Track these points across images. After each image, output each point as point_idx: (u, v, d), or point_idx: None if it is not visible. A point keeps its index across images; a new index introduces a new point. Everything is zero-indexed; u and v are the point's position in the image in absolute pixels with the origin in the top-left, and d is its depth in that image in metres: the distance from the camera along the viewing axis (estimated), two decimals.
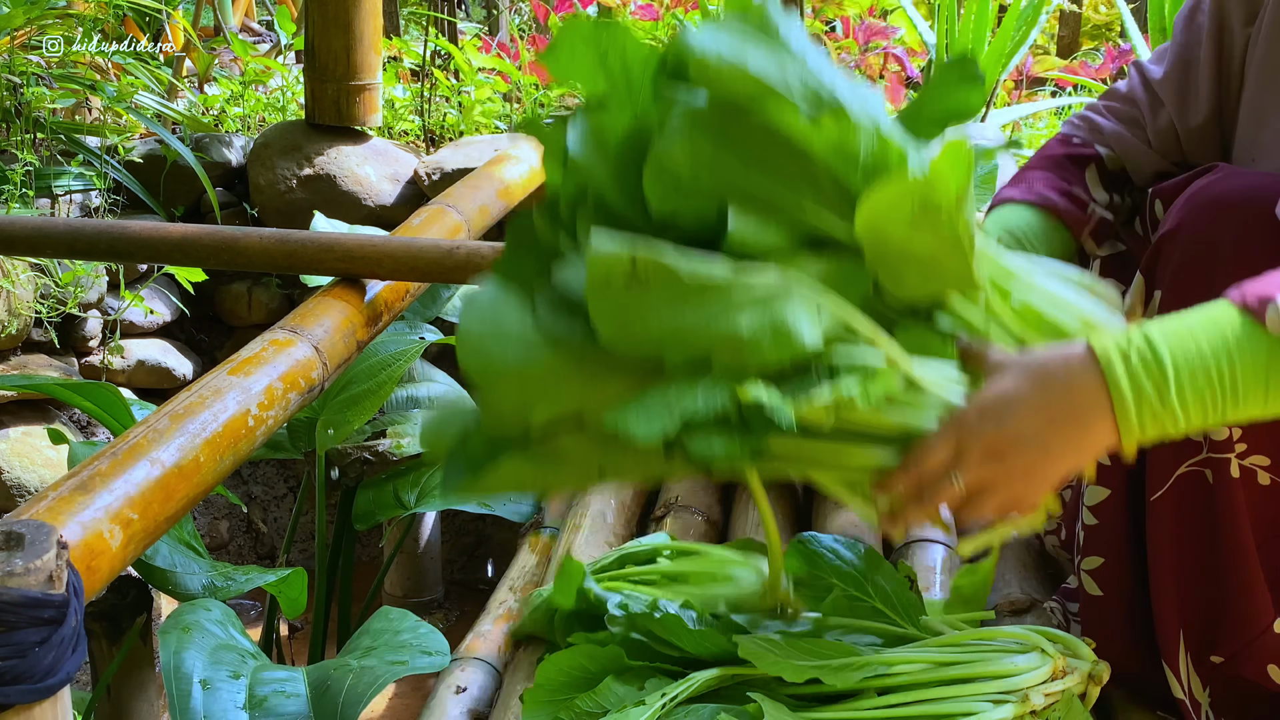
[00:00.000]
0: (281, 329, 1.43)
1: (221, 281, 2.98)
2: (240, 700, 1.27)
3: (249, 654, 1.37)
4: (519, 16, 4.30)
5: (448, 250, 1.55)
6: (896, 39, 3.43)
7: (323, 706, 1.28)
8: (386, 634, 1.43)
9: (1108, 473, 1.26)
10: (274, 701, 1.28)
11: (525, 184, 2.37)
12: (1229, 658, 1.19)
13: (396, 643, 1.40)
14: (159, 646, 1.32)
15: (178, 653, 1.30)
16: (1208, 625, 1.20)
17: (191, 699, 1.25)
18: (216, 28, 3.92)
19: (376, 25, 2.86)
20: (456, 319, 2.33)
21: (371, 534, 2.99)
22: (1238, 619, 1.18)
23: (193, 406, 1.19)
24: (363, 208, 2.90)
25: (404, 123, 3.32)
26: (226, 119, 3.35)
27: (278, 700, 1.29)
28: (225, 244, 1.59)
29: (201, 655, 1.32)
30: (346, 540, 2.17)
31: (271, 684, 1.32)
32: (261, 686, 1.31)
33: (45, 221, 1.64)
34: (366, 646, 1.42)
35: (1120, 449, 0.94)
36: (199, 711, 1.24)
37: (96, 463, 1.05)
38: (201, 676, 1.29)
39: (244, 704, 1.27)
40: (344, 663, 1.37)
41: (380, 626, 1.46)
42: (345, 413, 1.97)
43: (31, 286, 2.50)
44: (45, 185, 2.64)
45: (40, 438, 2.53)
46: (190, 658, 1.30)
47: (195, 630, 1.36)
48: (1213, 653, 1.20)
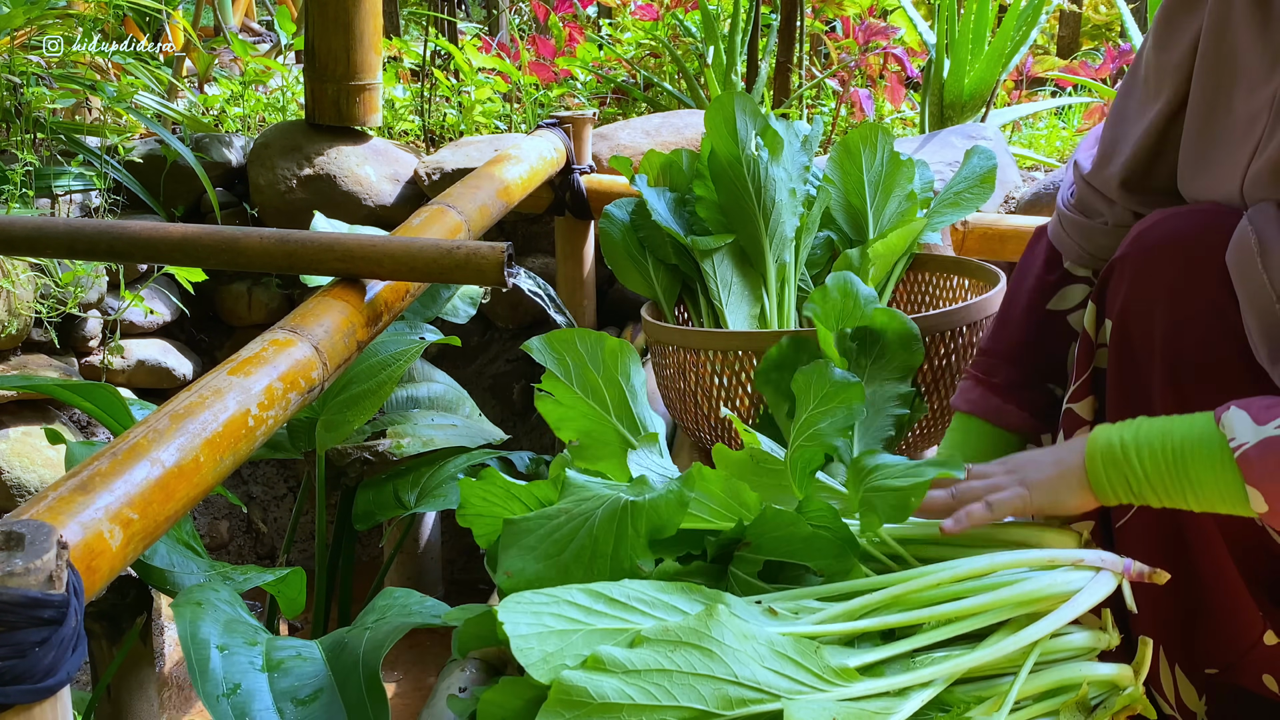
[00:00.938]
0: (281, 329, 1.43)
1: (221, 281, 2.98)
2: (258, 663, 1.29)
3: (259, 629, 1.39)
4: (519, 16, 4.30)
5: (448, 250, 1.54)
6: (896, 39, 3.43)
7: (341, 663, 1.29)
8: (394, 608, 1.46)
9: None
10: (291, 664, 1.30)
11: (525, 184, 2.37)
12: (1224, 669, 1.19)
13: (406, 611, 1.42)
14: (175, 618, 1.33)
15: (193, 621, 1.32)
16: (1193, 640, 1.20)
17: (210, 662, 1.26)
18: (216, 28, 3.92)
19: (376, 25, 2.86)
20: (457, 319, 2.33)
21: (371, 534, 2.99)
22: (1227, 633, 1.18)
23: (193, 406, 1.19)
24: (363, 208, 2.90)
25: (404, 123, 3.32)
26: (226, 119, 3.35)
27: (295, 663, 1.30)
28: (225, 244, 1.59)
29: (216, 625, 1.33)
30: (346, 540, 2.17)
31: (287, 649, 1.34)
32: (278, 651, 1.33)
33: (45, 221, 1.64)
34: (375, 620, 1.43)
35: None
36: (218, 672, 1.25)
37: (96, 463, 1.05)
38: (219, 643, 1.30)
39: (261, 666, 1.28)
40: (357, 627, 1.39)
41: (386, 603, 1.49)
42: (345, 413, 1.97)
43: (31, 286, 2.50)
44: (45, 185, 2.64)
45: (40, 438, 2.53)
46: (205, 626, 1.32)
47: (207, 606, 1.37)
48: (1206, 666, 1.20)
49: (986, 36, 3.02)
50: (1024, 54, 3.15)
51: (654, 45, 3.62)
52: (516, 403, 3.12)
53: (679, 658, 0.96)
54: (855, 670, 1.00)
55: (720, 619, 0.98)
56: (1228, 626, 1.18)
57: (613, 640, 0.99)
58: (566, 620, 1.00)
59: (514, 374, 3.12)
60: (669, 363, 1.85)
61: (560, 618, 1.00)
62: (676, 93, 3.33)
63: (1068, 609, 1.03)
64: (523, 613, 1.00)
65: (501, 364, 3.11)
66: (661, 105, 3.35)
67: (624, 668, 0.95)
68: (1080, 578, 1.05)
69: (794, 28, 3.19)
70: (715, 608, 0.99)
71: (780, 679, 0.96)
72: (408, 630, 1.35)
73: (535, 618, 0.99)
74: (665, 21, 3.58)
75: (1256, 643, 1.17)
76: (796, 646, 0.99)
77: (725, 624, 0.98)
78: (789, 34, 3.17)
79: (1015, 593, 1.04)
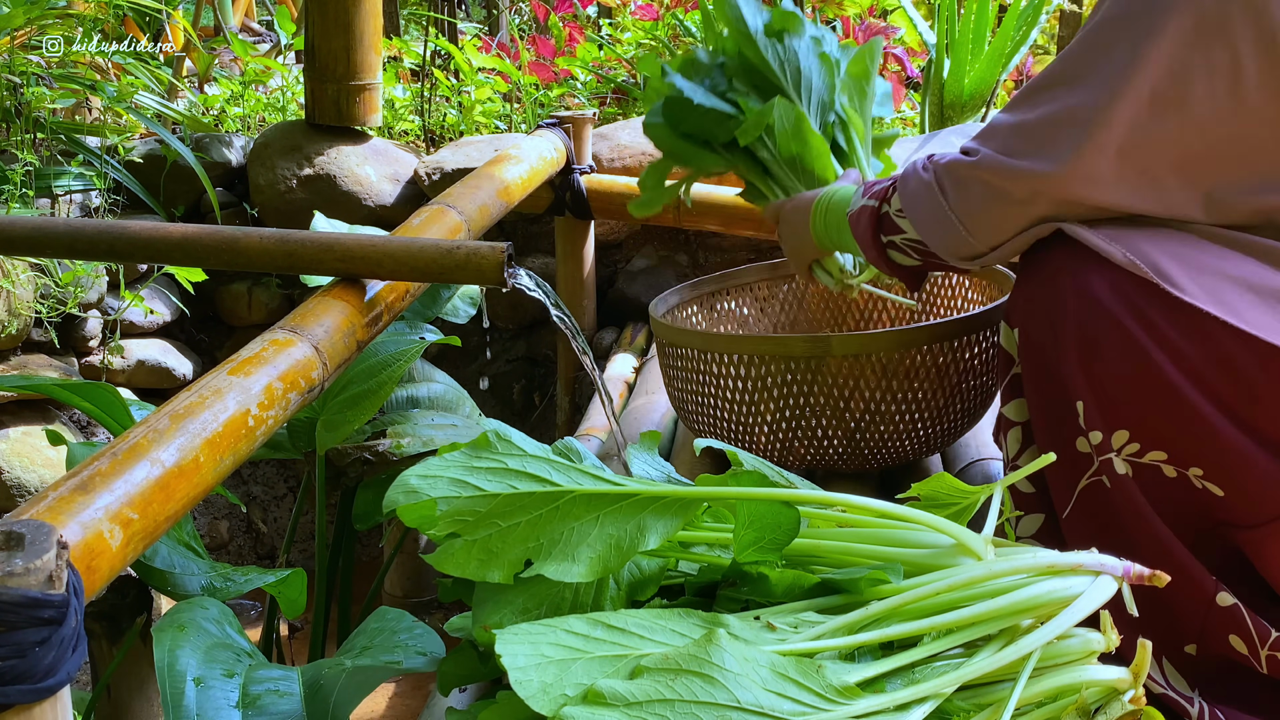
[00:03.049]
0: (281, 329, 1.43)
1: (221, 281, 2.98)
2: (234, 699, 1.27)
3: (244, 653, 1.37)
4: (519, 16, 4.30)
5: (448, 250, 1.54)
6: (896, 39, 3.43)
7: (315, 706, 1.27)
8: (383, 634, 1.43)
9: (1035, 500, 1.32)
10: (267, 700, 1.28)
11: (525, 184, 2.37)
12: (1198, 640, 1.22)
13: (392, 643, 1.40)
14: (154, 644, 1.31)
15: (172, 650, 1.30)
16: (1163, 621, 1.22)
17: (185, 697, 1.25)
18: (216, 28, 3.92)
19: (376, 25, 2.86)
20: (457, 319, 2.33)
21: (371, 534, 2.99)
22: (1183, 601, 1.21)
23: (193, 406, 1.19)
24: (363, 208, 2.90)
25: (404, 123, 3.32)
26: (226, 119, 3.35)
27: (271, 699, 1.28)
28: (225, 244, 1.59)
29: (196, 653, 1.31)
30: (346, 540, 2.16)
31: (265, 683, 1.31)
32: (255, 685, 1.30)
33: (45, 221, 1.64)
34: (362, 646, 1.42)
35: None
36: (192, 709, 1.24)
37: (96, 463, 1.05)
38: (195, 674, 1.28)
39: (237, 702, 1.27)
40: (338, 662, 1.36)
41: (377, 626, 1.46)
42: (345, 413, 1.97)
43: (31, 286, 2.49)
44: (45, 185, 2.64)
45: (40, 438, 2.53)
46: (184, 656, 1.30)
47: (191, 628, 1.35)
48: (1185, 642, 1.23)
49: (987, 36, 3.02)
50: (1024, 54, 3.15)
51: (654, 45, 3.62)
52: (516, 403, 3.12)
53: (680, 686, 0.94)
54: (856, 686, 0.99)
55: (720, 643, 0.97)
56: (1182, 596, 1.21)
57: (612, 667, 0.97)
58: (564, 649, 0.98)
59: (514, 374, 3.12)
60: (678, 362, 1.84)
61: (558, 646, 0.98)
62: None
63: (1068, 615, 1.03)
64: (520, 643, 0.98)
65: (501, 364, 3.11)
66: None
67: (625, 700, 0.94)
68: (1080, 582, 1.05)
69: None
70: (715, 632, 0.98)
71: (783, 701, 0.96)
72: (388, 678, 1.33)
73: (533, 648, 0.98)
74: (665, 21, 3.58)
75: (1210, 604, 1.20)
76: (798, 666, 0.98)
77: (725, 648, 0.96)
78: None
79: (1015, 600, 1.04)
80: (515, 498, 1.09)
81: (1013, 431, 1.34)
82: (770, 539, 1.12)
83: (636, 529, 1.09)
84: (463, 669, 1.20)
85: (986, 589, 1.06)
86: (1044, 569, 1.07)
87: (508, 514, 1.09)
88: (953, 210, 1.31)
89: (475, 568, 1.07)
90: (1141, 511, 1.20)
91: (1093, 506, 1.24)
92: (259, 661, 1.37)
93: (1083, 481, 1.24)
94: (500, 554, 1.07)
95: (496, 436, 1.13)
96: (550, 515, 1.09)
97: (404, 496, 1.08)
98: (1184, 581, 1.20)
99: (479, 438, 1.13)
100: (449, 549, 1.08)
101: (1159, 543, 1.20)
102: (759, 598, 1.13)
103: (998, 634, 1.05)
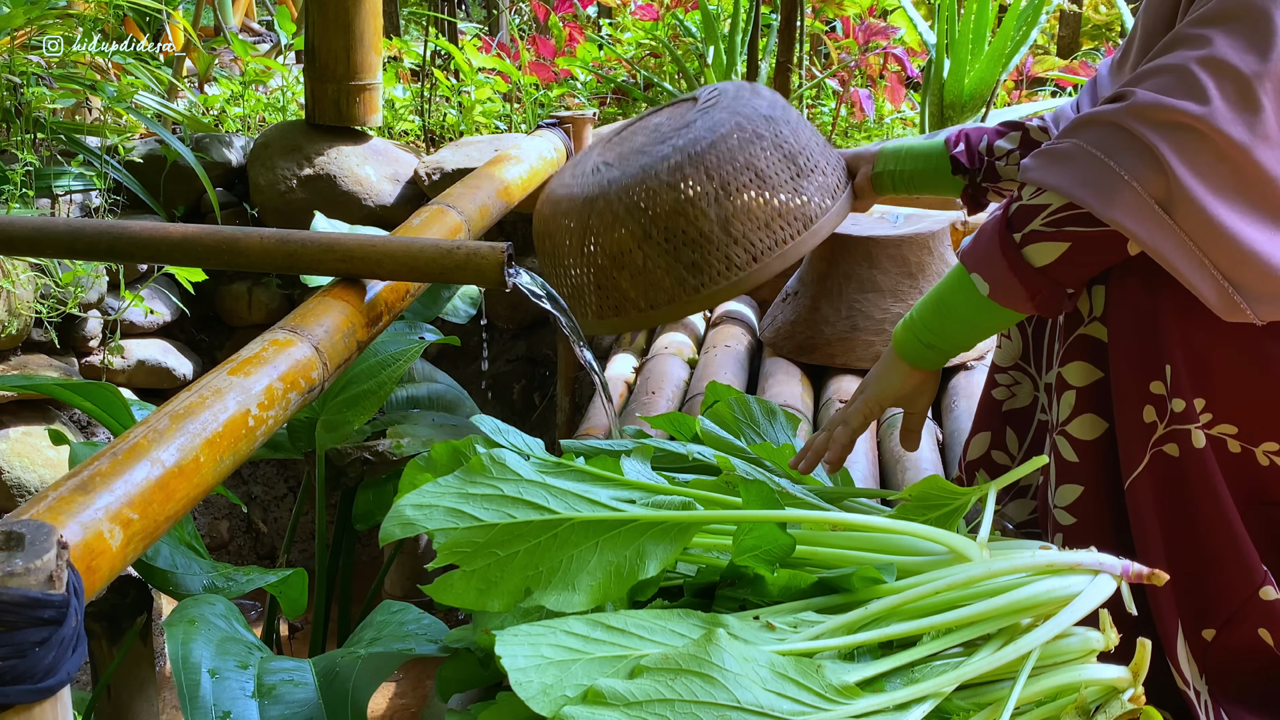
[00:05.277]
0: (281, 329, 1.43)
1: (221, 281, 2.98)
2: (249, 689, 1.27)
3: (254, 646, 1.37)
4: (519, 16, 4.30)
5: (448, 250, 1.54)
6: (896, 39, 3.43)
7: (332, 692, 1.28)
8: (390, 625, 1.44)
9: (1078, 470, 1.29)
10: (283, 690, 1.29)
11: (525, 184, 2.37)
12: (1220, 627, 1.22)
13: (401, 633, 1.40)
14: (166, 638, 1.31)
15: (185, 643, 1.30)
16: (1198, 597, 1.22)
17: (201, 687, 1.25)
18: (216, 28, 3.92)
19: (376, 25, 2.86)
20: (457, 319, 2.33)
21: (371, 534, 2.99)
22: (1226, 584, 1.21)
23: (193, 406, 1.19)
24: (363, 208, 2.90)
25: (404, 123, 3.32)
26: (226, 119, 3.35)
27: (287, 689, 1.29)
28: (225, 244, 1.59)
29: (209, 646, 1.32)
30: (346, 540, 2.17)
31: (279, 673, 1.32)
32: (270, 676, 1.31)
33: (45, 221, 1.64)
34: (371, 638, 1.42)
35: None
36: (208, 699, 1.24)
37: (96, 463, 1.05)
38: (210, 666, 1.29)
39: (253, 692, 1.27)
40: (352, 652, 1.37)
41: (384, 619, 1.47)
42: (345, 413, 1.97)
43: (31, 286, 2.50)
44: (45, 185, 2.64)
45: (40, 438, 2.53)
46: (198, 648, 1.30)
47: (201, 623, 1.36)
48: (1205, 626, 1.23)
49: (986, 36, 3.02)
50: (1024, 54, 3.15)
51: (654, 45, 3.62)
52: (516, 403, 3.12)
53: (679, 686, 0.94)
54: (856, 686, 0.99)
55: (720, 643, 0.97)
56: (1226, 577, 1.21)
57: (612, 668, 0.97)
58: (564, 650, 0.98)
59: (514, 374, 3.12)
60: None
61: (558, 647, 0.98)
62: (676, 93, 3.33)
63: (1067, 614, 1.03)
64: (520, 644, 0.98)
65: (501, 364, 3.11)
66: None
67: (625, 700, 0.94)
68: (1079, 581, 1.05)
69: (794, 28, 3.19)
70: (714, 631, 0.98)
71: (782, 701, 0.96)
72: (401, 663, 1.34)
73: (533, 649, 0.98)
74: (665, 21, 3.58)
75: (1253, 595, 1.20)
76: (797, 666, 0.98)
77: (725, 648, 0.97)
78: (789, 34, 3.17)
79: (1014, 599, 1.04)
80: (513, 527, 1.09)
81: (1066, 395, 1.29)
82: (766, 550, 1.13)
83: (636, 555, 1.09)
84: (462, 673, 1.20)
85: (985, 588, 1.06)
86: (1043, 568, 1.07)
87: (506, 543, 1.09)
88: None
89: (474, 598, 1.07)
90: (1214, 485, 1.20)
91: (1163, 473, 1.22)
92: (269, 655, 1.38)
93: (1152, 447, 1.22)
94: (499, 583, 1.07)
95: (490, 459, 1.13)
96: (549, 543, 1.09)
97: (400, 529, 1.08)
98: (1236, 564, 1.20)
99: (473, 461, 1.13)
100: (447, 580, 1.08)
101: (1224, 519, 1.20)
102: (757, 598, 1.13)
103: (997, 633, 1.05)
